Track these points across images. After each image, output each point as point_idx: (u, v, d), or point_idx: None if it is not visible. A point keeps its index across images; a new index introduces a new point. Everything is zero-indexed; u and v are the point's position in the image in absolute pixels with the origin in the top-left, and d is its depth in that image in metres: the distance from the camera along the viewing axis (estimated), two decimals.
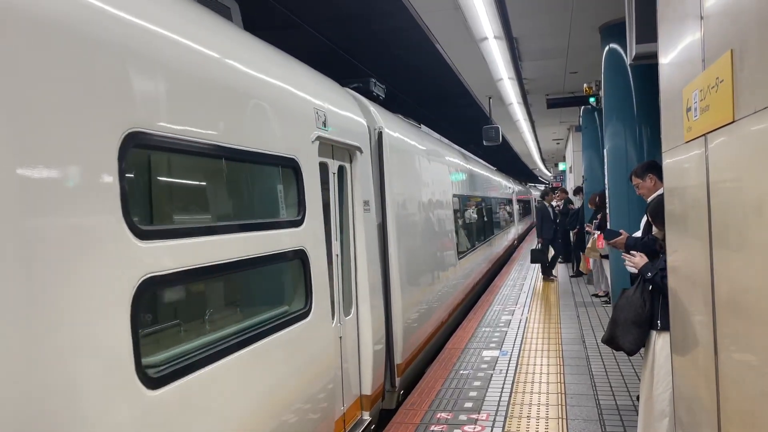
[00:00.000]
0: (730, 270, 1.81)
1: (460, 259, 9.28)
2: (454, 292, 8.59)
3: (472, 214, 11.74)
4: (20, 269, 1.76)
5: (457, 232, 9.41)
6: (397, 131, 6.26)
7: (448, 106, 17.40)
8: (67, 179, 1.94)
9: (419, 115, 12.85)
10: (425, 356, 6.66)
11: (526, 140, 19.96)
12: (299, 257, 3.52)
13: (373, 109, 5.61)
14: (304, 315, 3.50)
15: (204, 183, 3.15)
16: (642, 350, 3.73)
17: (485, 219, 13.78)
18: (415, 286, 6.33)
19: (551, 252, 12.78)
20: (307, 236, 3.59)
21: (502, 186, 19.43)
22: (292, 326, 3.33)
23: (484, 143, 11.74)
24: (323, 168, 4.10)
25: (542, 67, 9.89)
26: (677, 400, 2.81)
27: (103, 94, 2.11)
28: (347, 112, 4.72)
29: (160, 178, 2.83)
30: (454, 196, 9.46)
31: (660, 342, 3.51)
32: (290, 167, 3.52)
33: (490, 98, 11.82)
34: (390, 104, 7.64)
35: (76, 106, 1.99)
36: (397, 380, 5.42)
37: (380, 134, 5.41)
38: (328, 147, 4.23)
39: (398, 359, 5.44)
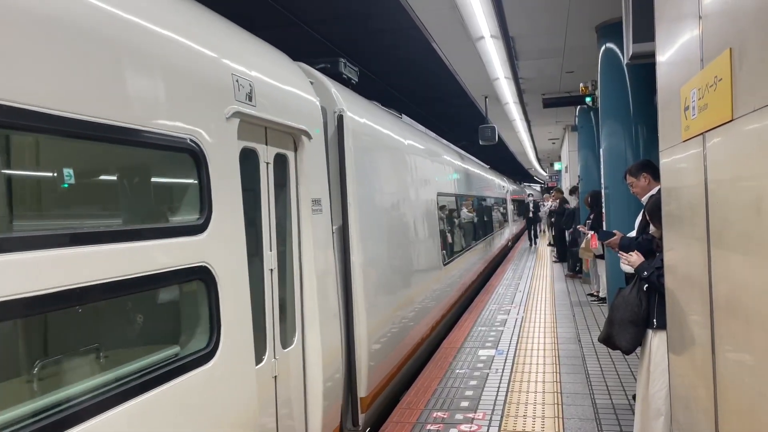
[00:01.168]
0: (728, 269, 1.80)
1: (445, 265, 8.38)
2: (437, 304, 7.64)
3: (460, 214, 10.97)
4: None
5: (442, 235, 8.44)
6: (366, 117, 5.31)
7: (444, 105, 17.42)
8: None
9: (417, 114, 12.85)
10: (402, 378, 5.84)
11: (522, 140, 19.99)
12: (199, 277, 2.59)
13: (334, 89, 4.65)
14: (206, 358, 2.56)
15: (36, 172, 2.29)
16: (638, 349, 3.73)
17: (475, 220, 12.99)
18: (387, 301, 5.39)
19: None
20: (214, 248, 2.63)
21: (495, 185, 18.71)
22: (182, 376, 2.41)
23: (480, 143, 11.75)
24: (249, 156, 3.22)
25: (538, 67, 9.90)
26: (674, 399, 2.81)
27: None
28: (291, 88, 3.77)
29: None
30: (440, 195, 8.54)
31: (656, 341, 3.52)
32: (185, 151, 2.55)
33: (486, 98, 11.83)
34: (389, 103, 7.64)
35: None
36: (361, 417, 4.51)
37: (341, 118, 4.49)
38: (259, 129, 3.31)
39: (362, 392, 4.55)
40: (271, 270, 3.41)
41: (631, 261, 3.68)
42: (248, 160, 3.21)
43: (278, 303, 3.47)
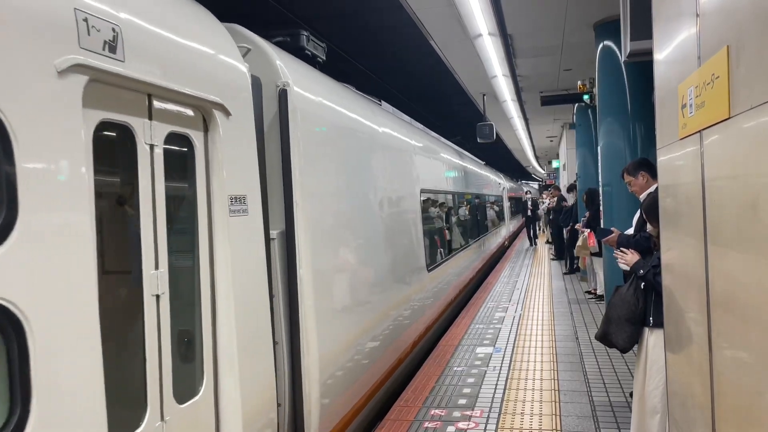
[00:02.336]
0: (725, 267, 1.80)
1: (431, 270, 7.45)
2: (421, 315, 6.75)
3: (449, 214, 10.03)
4: None
5: (427, 238, 7.51)
6: (323, 96, 4.36)
7: (442, 103, 17.40)
8: None
9: (415, 112, 12.85)
10: (375, 406, 5.03)
11: (520, 137, 20.00)
12: None
13: (278, 60, 3.73)
14: None
15: None
16: (635, 347, 3.74)
17: (467, 219, 12.16)
18: (351, 321, 4.50)
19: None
20: (20, 273, 1.81)
21: (491, 181, 17.63)
22: None
23: (478, 140, 11.74)
24: (115, 134, 2.45)
25: (536, 65, 9.90)
26: (671, 396, 2.81)
27: None
28: (200, 46, 2.86)
29: None
30: (423, 192, 7.59)
31: (652, 339, 3.52)
32: None
33: (484, 95, 11.83)
34: (388, 101, 7.63)
35: None
36: None
37: (284, 94, 3.58)
38: (135, 97, 2.42)
39: None
40: (157, 296, 2.50)
41: (626, 259, 3.69)
42: (114, 140, 2.45)
43: (170, 340, 2.57)
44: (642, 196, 4.45)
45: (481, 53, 8.58)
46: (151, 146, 2.53)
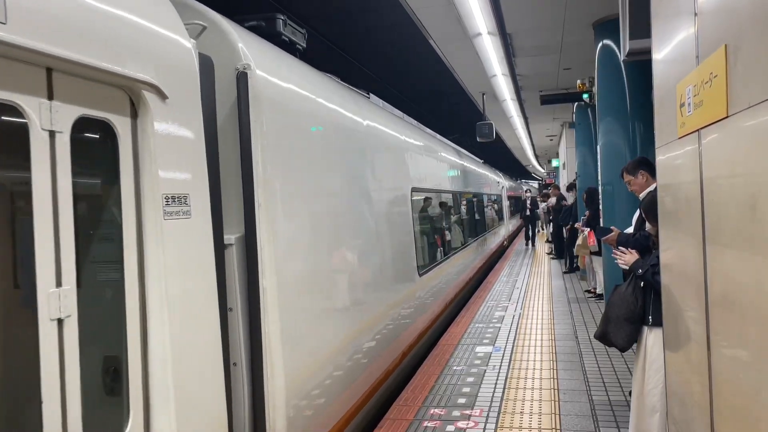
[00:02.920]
0: (724, 266, 1.80)
1: (422, 275, 6.88)
2: (412, 323, 6.28)
3: (443, 214, 9.46)
4: None
5: (418, 240, 6.97)
6: (293, 82, 3.80)
7: (442, 102, 17.41)
8: None
9: (415, 111, 12.85)
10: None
11: (520, 137, 19.99)
12: None
13: (237, 37, 3.24)
14: None
15: None
16: (634, 346, 3.74)
17: (463, 220, 11.52)
18: (326, 335, 3.98)
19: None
20: None
21: (489, 180, 16.94)
22: None
23: (478, 139, 11.74)
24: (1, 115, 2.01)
25: (536, 64, 9.90)
26: (669, 395, 2.82)
27: None
28: (123, 12, 2.36)
29: None
30: (415, 191, 7.04)
31: (651, 338, 3.52)
32: None
33: (483, 95, 11.83)
34: (388, 101, 7.62)
35: None
36: None
37: (243, 78, 3.11)
38: (30, 71, 1.98)
39: None
40: (59, 320, 2.01)
41: (625, 259, 3.69)
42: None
43: (79, 374, 2.09)
44: (641, 195, 4.45)
45: (480, 52, 8.58)
46: (52, 133, 2.03)
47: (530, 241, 19.42)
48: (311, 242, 3.86)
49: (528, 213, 20.54)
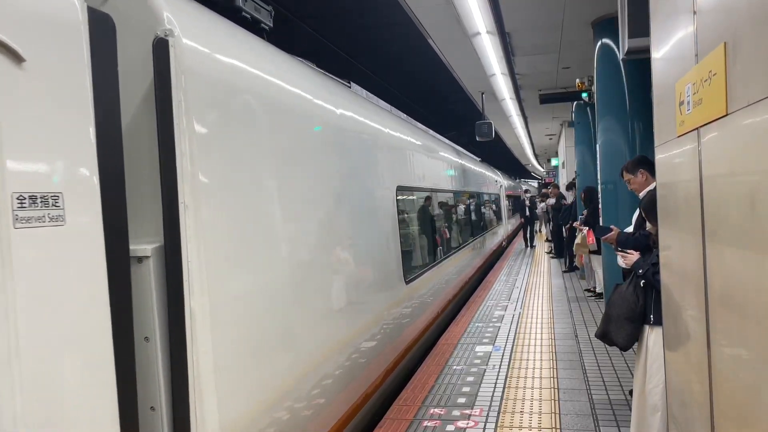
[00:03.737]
0: (723, 264, 1.80)
1: (410, 282, 6.25)
2: (398, 335, 5.68)
3: (434, 214, 8.75)
4: None
5: (405, 243, 6.34)
6: (240, 59, 3.11)
7: (441, 101, 17.41)
8: None
9: (413, 110, 12.85)
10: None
11: (519, 135, 20.00)
12: None
13: None
14: None
15: None
16: (635, 345, 3.74)
17: (458, 220, 10.93)
18: (281, 364, 3.25)
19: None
20: None
21: (486, 179, 16.20)
22: None
23: (477, 139, 11.74)
24: None
25: (535, 63, 9.90)
26: (670, 394, 2.81)
27: None
28: None
29: None
30: (401, 189, 6.36)
31: (653, 337, 3.52)
32: None
33: (482, 94, 11.83)
34: (387, 100, 7.61)
35: None
36: None
37: (162, 46, 2.49)
38: None
39: None
40: None
41: (628, 260, 3.70)
42: None
43: None
44: (641, 194, 4.45)
45: (479, 52, 8.59)
46: None
47: (529, 242, 18.93)
48: (260, 252, 3.12)
49: (528, 213, 20.04)
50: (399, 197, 6.25)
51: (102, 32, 2.21)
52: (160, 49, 2.49)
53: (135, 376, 2.31)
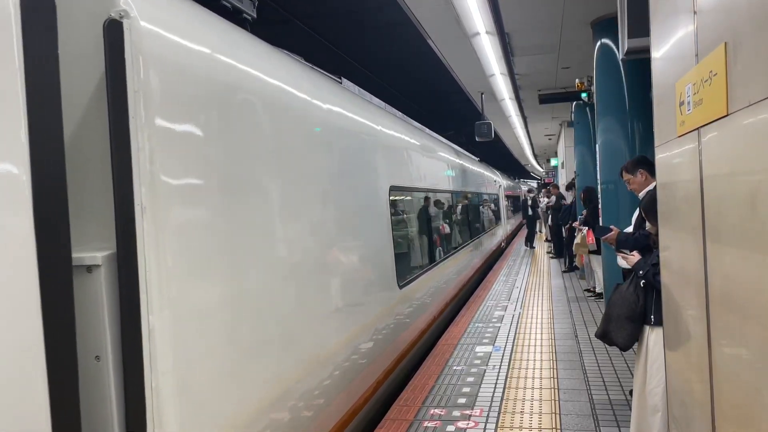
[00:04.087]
0: (724, 264, 1.80)
1: (403, 286, 5.96)
2: (392, 342, 5.39)
3: (429, 215, 8.45)
4: None
5: (398, 246, 6.06)
6: (211, 46, 2.81)
7: (440, 101, 17.42)
8: None
9: (412, 111, 12.85)
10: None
11: (519, 136, 20.01)
12: None
13: None
14: None
15: None
16: (635, 345, 3.74)
17: (455, 221, 10.64)
18: (252, 388, 2.92)
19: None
20: None
21: (485, 179, 15.89)
22: None
23: (477, 139, 11.75)
24: None
25: (534, 63, 9.91)
26: (670, 394, 2.81)
27: None
28: None
29: None
30: (394, 189, 6.07)
31: (653, 337, 3.52)
32: None
33: (482, 94, 11.83)
34: (387, 100, 7.62)
35: None
36: None
37: (115, 29, 2.22)
38: None
39: None
40: None
41: (629, 261, 3.70)
42: None
43: None
44: (641, 194, 4.45)
45: (478, 52, 8.59)
46: None
47: (530, 243, 18.48)
48: (232, 260, 2.81)
49: (530, 213, 19.65)
50: (392, 198, 5.97)
51: (37, 13, 1.99)
52: (113, 31, 2.21)
53: (78, 401, 2.03)
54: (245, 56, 3.19)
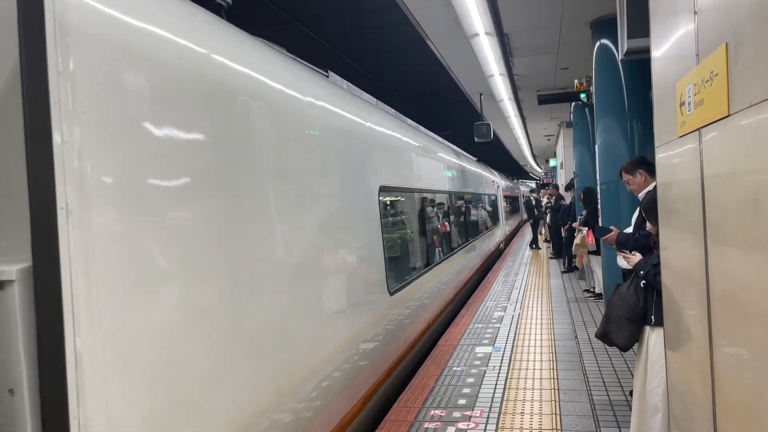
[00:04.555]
0: (725, 264, 1.80)
1: (394, 293, 5.59)
2: (383, 351, 5.09)
3: (424, 217, 8.00)
4: None
5: (389, 249, 5.69)
6: (162, 24, 2.46)
7: (439, 102, 17.43)
8: None
9: (411, 111, 12.85)
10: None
11: (517, 136, 20.01)
12: None
13: None
14: None
15: None
16: (635, 346, 3.74)
17: (452, 222, 10.26)
18: (214, 413, 2.51)
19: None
20: None
21: (483, 179, 15.57)
22: None
23: (476, 139, 11.75)
24: None
25: (533, 63, 9.91)
26: (671, 395, 2.81)
27: None
28: None
29: None
30: (384, 189, 5.68)
31: (653, 337, 3.52)
32: None
33: (481, 94, 11.84)
34: (386, 100, 7.62)
35: None
36: None
37: (34, 3, 1.83)
38: None
39: None
40: None
41: (630, 261, 3.70)
42: None
43: None
44: (641, 195, 4.45)
45: (477, 53, 8.59)
46: None
47: (535, 244, 18.08)
48: (187, 271, 2.42)
49: (536, 213, 19.21)
50: (382, 198, 5.60)
51: None
52: (32, 3, 1.82)
53: None
54: (211, 41, 2.84)
